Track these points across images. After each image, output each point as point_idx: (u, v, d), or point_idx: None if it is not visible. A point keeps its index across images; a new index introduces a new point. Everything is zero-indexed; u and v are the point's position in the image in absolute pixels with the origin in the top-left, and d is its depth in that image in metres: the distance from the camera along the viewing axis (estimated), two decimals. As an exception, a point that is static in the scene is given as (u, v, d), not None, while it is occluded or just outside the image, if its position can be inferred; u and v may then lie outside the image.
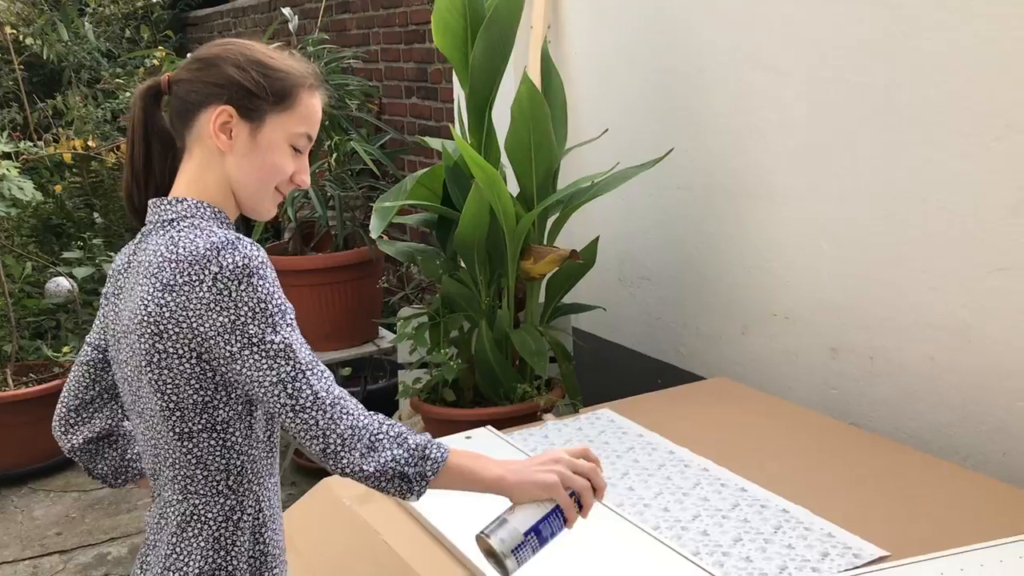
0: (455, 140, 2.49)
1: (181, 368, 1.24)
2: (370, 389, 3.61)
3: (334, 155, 3.49)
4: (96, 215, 4.68)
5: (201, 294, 1.20)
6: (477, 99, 2.62)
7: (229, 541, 1.30)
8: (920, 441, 2.11)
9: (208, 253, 1.21)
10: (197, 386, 1.25)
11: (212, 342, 1.21)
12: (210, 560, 1.29)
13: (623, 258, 2.98)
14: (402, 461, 1.21)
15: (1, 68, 4.91)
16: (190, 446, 1.27)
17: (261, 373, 1.20)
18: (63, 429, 1.46)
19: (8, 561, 3.12)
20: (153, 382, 1.25)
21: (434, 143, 2.89)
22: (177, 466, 1.29)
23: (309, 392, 1.20)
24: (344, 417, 1.21)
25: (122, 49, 5.84)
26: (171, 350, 1.23)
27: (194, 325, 1.21)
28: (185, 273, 1.21)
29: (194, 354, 1.23)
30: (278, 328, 1.21)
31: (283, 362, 1.20)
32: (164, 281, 1.22)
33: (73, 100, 4.91)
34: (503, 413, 2.54)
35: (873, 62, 2.12)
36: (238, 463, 1.30)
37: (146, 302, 1.24)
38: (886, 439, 2.06)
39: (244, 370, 1.21)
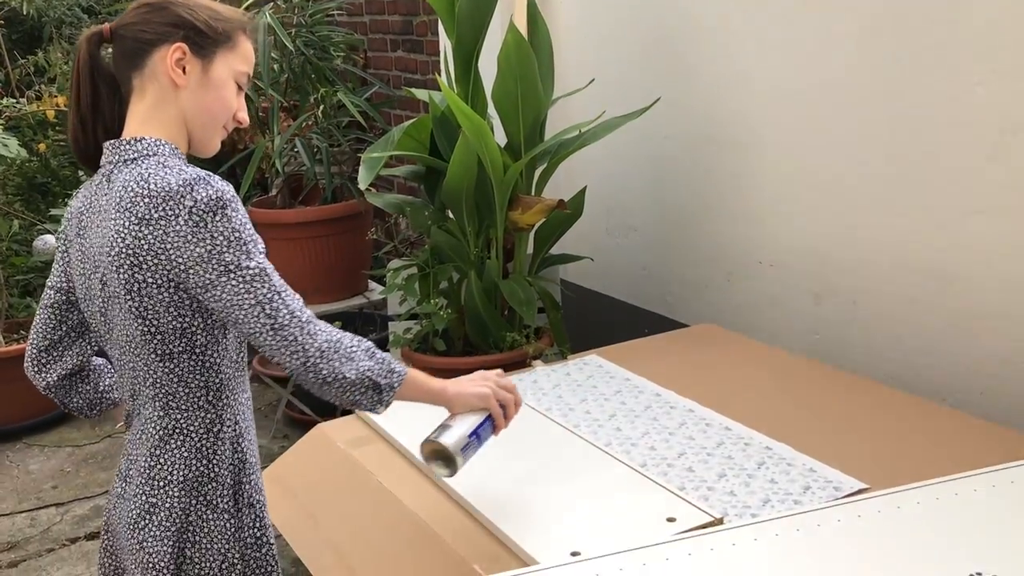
0: (442, 90, 2.49)
1: (160, 297, 1.31)
2: (360, 342, 3.63)
3: (320, 108, 3.48)
4: (81, 173, 4.65)
5: (178, 227, 1.28)
6: (463, 49, 2.62)
7: (211, 451, 1.40)
8: (901, 382, 2.16)
9: (182, 188, 1.28)
10: (176, 313, 1.32)
11: (190, 271, 1.29)
12: (193, 468, 1.39)
13: (610, 208, 3.00)
14: (374, 372, 1.33)
15: (-20, 24, 4.84)
16: (171, 366, 1.36)
17: (240, 296, 1.28)
18: (36, 369, 1.52)
19: (6, 514, 3.16)
20: (134, 310, 1.32)
21: (421, 94, 2.89)
22: (158, 385, 1.38)
23: (286, 311, 1.29)
24: (320, 332, 1.31)
25: (103, 3, 5.76)
26: (149, 280, 1.30)
27: (172, 256, 1.29)
28: (160, 208, 1.28)
29: (172, 284, 1.31)
30: (252, 255, 1.30)
31: (259, 285, 1.29)
32: (139, 215, 1.29)
33: (55, 56, 4.85)
34: (493, 361, 2.57)
35: (855, 9, 2.13)
36: (216, 380, 1.39)
37: (122, 235, 1.30)
38: (868, 380, 2.10)
39: (224, 295, 1.29)
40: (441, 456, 1.43)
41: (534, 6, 2.78)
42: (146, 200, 1.29)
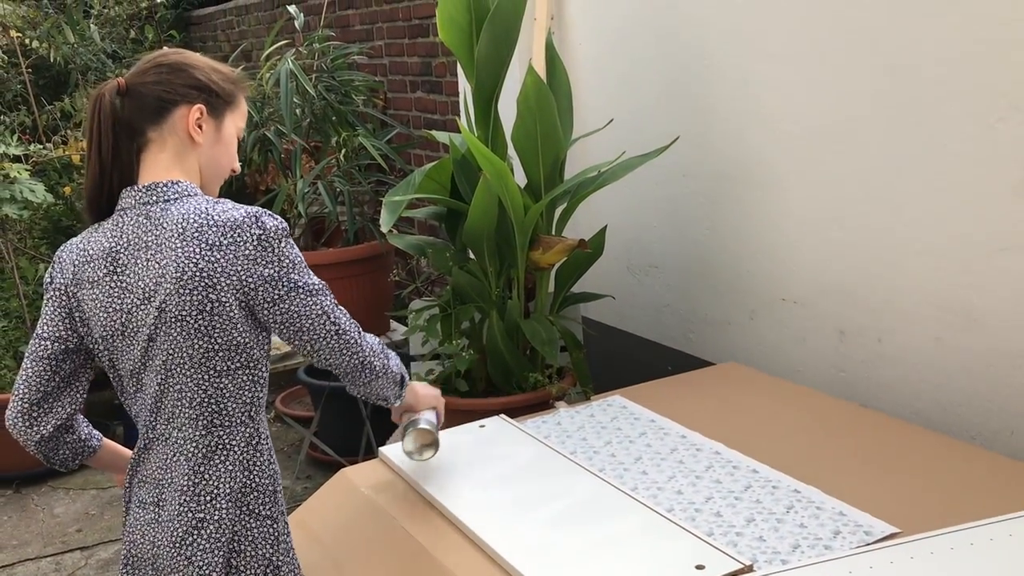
0: (462, 133, 2.51)
1: (229, 314, 1.45)
2: (382, 382, 3.63)
3: (342, 151, 3.52)
4: (104, 215, 4.71)
5: (247, 251, 1.44)
6: (483, 92, 2.64)
7: (251, 462, 1.52)
8: (928, 421, 2.14)
9: (247, 219, 1.45)
10: (241, 328, 1.47)
11: (258, 290, 1.46)
12: (238, 480, 1.50)
13: (631, 246, 3.00)
14: (400, 369, 1.65)
15: (8, 72, 4.94)
16: (226, 382, 1.48)
17: (308, 308, 1.48)
18: (27, 424, 1.54)
19: (31, 558, 3.16)
20: (202, 328, 1.44)
21: (441, 137, 2.91)
22: (206, 403, 1.48)
23: (344, 319, 1.54)
24: (366, 335, 1.58)
25: (127, 50, 5.87)
26: (222, 298, 1.44)
27: (242, 277, 1.44)
28: (228, 235, 1.44)
29: (239, 302, 1.46)
30: (311, 274, 1.51)
31: (323, 298, 1.51)
32: (208, 242, 1.43)
33: (80, 102, 4.94)
34: (516, 402, 2.56)
35: (874, 46, 2.14)
36: (259, 395, 1.54)
37: (194, 260, 1.43)
38: (895, 419, 2.08)
39: (291, 307, 1.47)
40: (428, 436, 1.79)
41: (552, 48, 2.81)
42: (214, 229, 1.44)
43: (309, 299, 1.48)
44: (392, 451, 1.98)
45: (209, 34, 6.98)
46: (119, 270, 1.48)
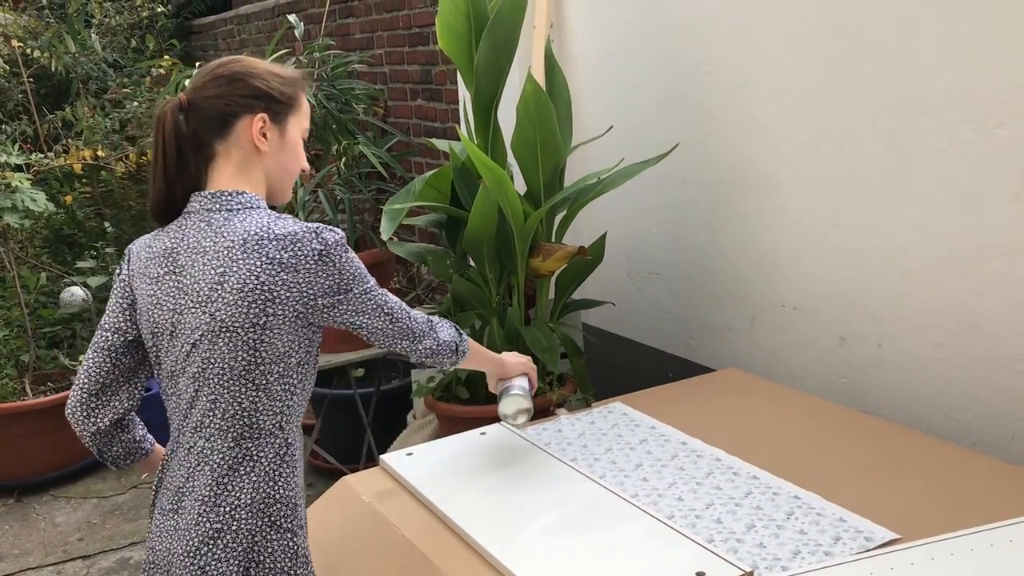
0: (462, 141, 2.52)
1: (281, 328, 1.47)
2: (384, 389, 3.64)
3: (343, 159, 3.53)
4: (107, 224, 4.72)
5: (308, 265, 1.47)
6: (482, 100, 2.65)
7: (278, 474, 1.51)
8: (929, 426, 2.14)
9: (308, 234, 1.47)
10: (287, 339, 1.48)
11: (319, 299, 1.49)
12: (262, 491, 1.49)
13: (631, 253, 3.00)
14: (450, 337, 1.69)
15: (10, 81, 4.95)
16: (261, 395, 1.48)
17: (364, 305, 1.53)
18: (84, 414, 1.57)
19: (32, 567, 3.16)
20: (250, 342, 1.46)
21: (441, 144, 2.92)
22: (239, 416, 1.48)
23: (397, 306, 1.59)
24: (417, 315, 1.64)
25: (128, 59, 5.88)
26: (279, 312, 1.46)
27: (303, 289, 1.47)
28: (289, 249, 1.46)
29: (296, 314, 1.48)
30: (368, 277, 1.55)
31: (376, 294, 1.55)
32: (270, 256, 1.45)
33: (81, 111, 4.95)
34: (516, 409, 2.56)
35: (874, 52, 2.15)
36: (291, 403, 1.53)
37: (255, 274, 1.45)
38: (895, 425, 2.08)
39: (348, 308, 1.52)
40: (521, 404, 1.88)
41: (551, 56, 2.81)
42: (275, 243, 1.46)
43: (364, 297, 1.53)
44: (393, 459, 1.98)
45: (210, 43, 7.00)
46: (177, 270, 1.50)
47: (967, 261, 2.02)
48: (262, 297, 1.44)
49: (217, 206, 1.51)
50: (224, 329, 1.45)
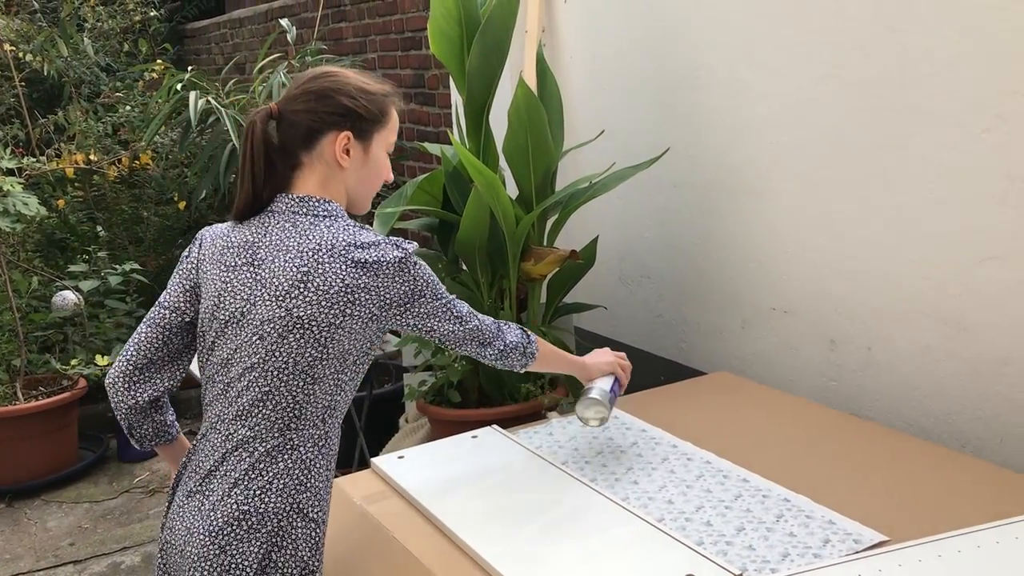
0: (454, 145, 2.53)
1: (354, 327, 1.53)
2: (376, 393, 3.64)
3: (334, 163, 3.53)
4: (99, 228, 4.72)
5: (388, 270, 1.54)
6: (474, 104, 2.66)
7: (312, 462, 1.54)
8: (919, 429, 2.15)
9: (388, 244, 1.56)
10: (355, 338, 1.54)
11: (394, 303, 1.56)
12: (295, 476, 1.52)
13: (623, 257, 3.01)
14: (518, 339, 1.75)
15: (2, 85, 4.94)
16: (315, 388, 1.53)
17: (435, 310, 1.62)
18: (126, 386, 1.62)
19: (23, 572, 3.15)
20: (321, 339, 1.51)
21: (433, 149, 2.93)
22: (291, 407, 1.52)
23: (466, 311, 1.67)
24: (484, 318, 1.71)
25: (121, 63, 5.88)
26: (358, 313, 1.53)
27: (380, 292, 1.54)
28: (373, 254, 1.54)
29: (371, 314, 1.54)
30: (438, 284, 1.63)
31: (444, 300, 1.63)
32: (355, 260, 1.52)
33: (74, 115, 4.95)
34: (508, 412, 2.57)
35: (862, 57, 2.16)
36: (338, 398, 1.57)
37: (340, 276, 1.51)
38: (885, 428, 2.09)
39: (420, 312, 1.60)
40: (598, 406, 1.87)
41: (543, 61, 2.82)
42: (360, 249, 1.53)
43: (435, 302, 1.61)
44: (385, 462, 1.98)
45: (203, 47, 7.00)
46: (256, 263, 1.55)
47: (956, 265, 2.04)
48: (344, 299, 1.51)
49: (304, 210, 1.57)
50: (298, 325, 1.50)
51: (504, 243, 2.60)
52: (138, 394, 1.62)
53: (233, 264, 1.57)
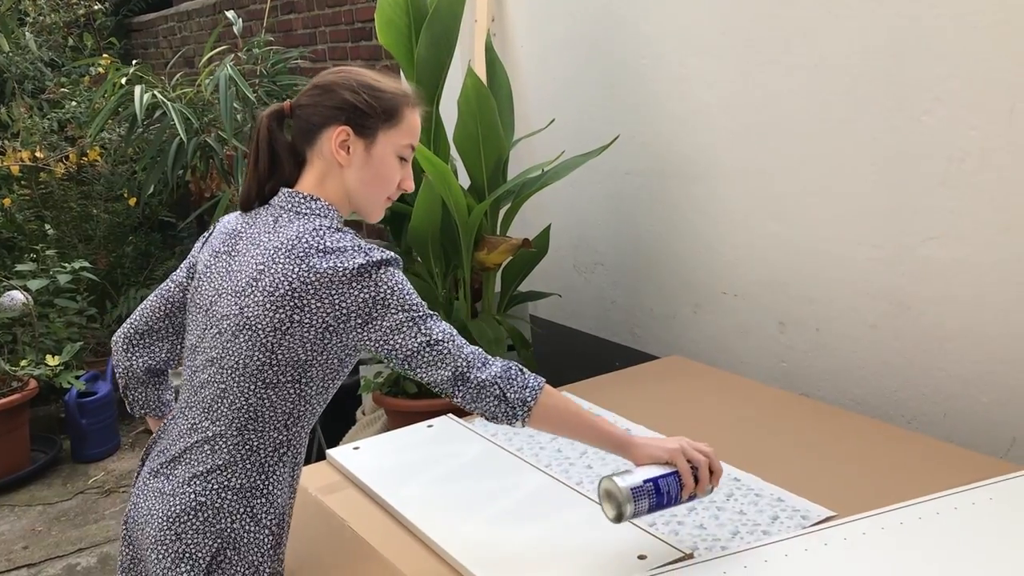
0: (404, 135, 2.52)
1: (304, 336, 1.44)
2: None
3: (286, 156, 3.50)
4: (48, 226, 4.64)
5: (342, 278, 1.42)
6: (423, 94, 2.65)
7: (271, 468, 1.51)
8: (867, 407, 2.19)
9: (352, 247, 1.44)
10: (309, 348, 1.45)
11: (352, 313, 1.43)
12: (252, 479, 1.49)
13: (576, 244, 3.03)
14: (503, 380, 1.43)
15: (-58, 82, 4.84)
16: (271, 393, 1.47)
17: (399, 323, 1.42)
18: (125, 347, 1.66)
19: (-24, 577, 3.10)
20: (268, 343, 1.44)
21: (384, 139, 2.91)
22: (246, 408, 1.48)
23: (437, 329, 1.43)
24: (464, 344, 1.44)
25: (66, 58, 5.77)
26: (306, 320, 1.43)
27: (335, 300, 1.42)
28: (330, 260, 1.42)
29: (326, 325, 1.44)
30: (412, 297, 1.44)
31: (413, 312, 1.43)
32: (308, 264, 1.43)
33: (18, 111, 4.85)
34: (464, 402, 2.57)
35: (803, 43, 2.19)
36: (303, 409, 1.51)
37: (289, 279, 1.43)
38: (834, 407, 2.13)
39: (384, 325, 1.42)
40: (612, 498, 1.41)
41: (492, 51, 2.83)
42: (319, 255, 1.43)
43: (399, 314, 1.42)
44: (340, 453, 1.98)
45: (151, 41, 6.89)
46: (233, 253, 1.53)
47: (898, 245, 2.08)
48: (290, 303, 1.43)
49: (289, 206, 1.52)
50: (247, 326, 1.46)
51: (457, 233, 2.60)
52: (134, 358, 1.65)
53: (218, 250, 1.56)
